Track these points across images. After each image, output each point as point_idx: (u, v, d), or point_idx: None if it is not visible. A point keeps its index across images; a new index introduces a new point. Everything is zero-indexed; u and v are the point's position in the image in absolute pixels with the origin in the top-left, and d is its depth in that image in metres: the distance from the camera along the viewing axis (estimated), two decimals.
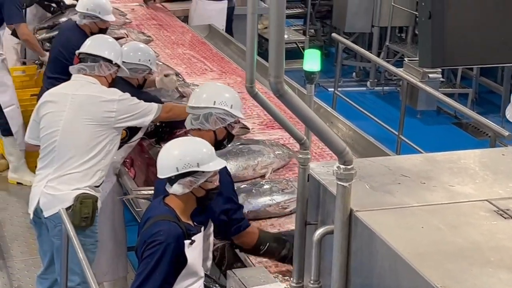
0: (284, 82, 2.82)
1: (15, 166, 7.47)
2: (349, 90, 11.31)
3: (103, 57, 5.16)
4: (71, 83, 5.17)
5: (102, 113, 4.96)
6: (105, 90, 5.09)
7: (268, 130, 5.95)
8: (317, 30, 13.55)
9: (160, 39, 8.12)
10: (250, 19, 3.27)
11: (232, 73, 7.21)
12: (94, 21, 6.58)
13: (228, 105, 4.38)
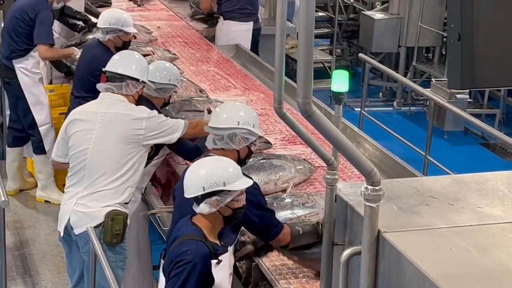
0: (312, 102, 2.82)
1: (44, 184, 7.52)
2: (375, 110, 11.29)
3: (129, 76, 5.19)
4: (99, 102, 5.19)
5: (131, 131, 5.00)
6: (134, 108, 5.12)
7: (290, 145, 5.99)
8: (344, 50, 13.56)
9: (185, 56, 8.19)
10: (278, 40, 3.28)
11: (255, 90, 7.27)
12: (118, 34, 6.62)
13: (250, 125, 4.44)
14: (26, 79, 7.29)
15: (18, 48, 7.25)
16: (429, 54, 12.72)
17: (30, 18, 7.14)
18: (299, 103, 2.81)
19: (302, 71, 2.80)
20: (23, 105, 7.34)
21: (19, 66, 7.26)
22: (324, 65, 12.19)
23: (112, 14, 6.73)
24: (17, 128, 7.56)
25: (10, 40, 7.24)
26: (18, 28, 7.19)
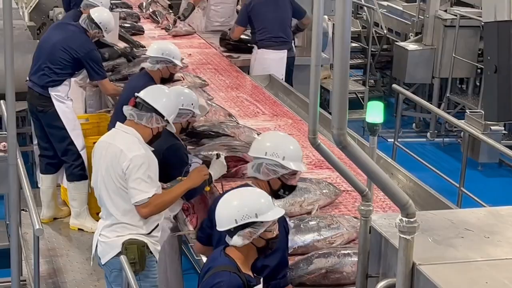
0: (347, 134, 2.82)
1: (77, 212, 7.56)
2: (409, 141, 11.25)
3: (156, 109, 5.03)
4: (114, 131, 5.11)
5: (119, 167, 4.85)
6: (129, 144, 4.90)
7: (317, 169, 6.05)
8: (377, 80, 13.55)
9: (215, 83, 8.26)
10: (313, 71, 3.30)
11: (283, 116, 7.33)
12: (167, 65, 6.67)
13: (280, 157, 4.33)
14: (62, 106, 7.36)
15: (56, 78, 7.33)
16: (463, 85, 12.67)
17: (78, 54, 7.23)
18: (334, 134, 2.81)
19: (337, 102, 2.81)
20: (59, 132, 7.39)
21: (55, 93, 7.33)
22: (357, 95, 12.19)
23: (164, 44, 6.84)
24: (49, 155, 7.62)
25: (48, 69, 7.31)
26: (59, 59, 7.26)
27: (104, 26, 7.43)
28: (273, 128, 6.97)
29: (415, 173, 6.41)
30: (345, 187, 5.60)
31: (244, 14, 9.14)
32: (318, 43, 3.26)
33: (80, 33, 7.40)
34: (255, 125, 6.88)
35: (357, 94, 12.20)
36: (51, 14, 11.09)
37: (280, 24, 8.99)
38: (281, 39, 8.96)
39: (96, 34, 7.46)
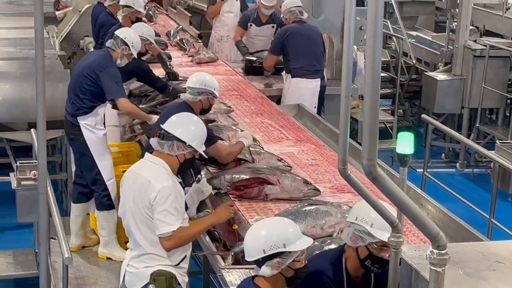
0: (377, 164, 2.82)
1: (106, 241, 7.57)
2: (438, 171, 11.18)
3: (176, 137, 5.03)
4: (142, 161, 5.13)
5: (146, 197, 4.84)
6: (156, 175, 4.90)
7: (339, 193, 6.05)
8: (406, 110, 13.52)
9: (240, 109, 8.32)
10: (343, 101, 3.29)
11: (306, 141, 7.37)
12: (208, 97, 6.70)
13: (368, 224, 4.03)
14: (91, 135, 7.39)
15: (84, 106, 7.37)
16: (493, 115, 12.60)
17: (96, 74, 7.27)
18: (364, 165, 2.81)
19: (367, 133, 2.81)
20: (87, 161, 7.44)
21: (84, 122, 7.37)
22: (386, 125, 12.16)
23: (203, 76, 6.84)
24: (82, 183, 7.66)
25: (76, 97, 7.37)
26: (84, 86, 7.32)
27: (130, 41, 7.41)
28: (296, 153, 7.02)
29: (444, 204, 6.36)
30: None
31: (279, 43, 9.18)
32: (348, 73, 3.26)
33: (103, 55, 7.42)
34: (278, 150, 6.99)
35: (386, 124, 12.17)
36: (82, 44, 11.21)
37: (314, 53, 9.04)
38: (314, 68, 9.00)
39: (124, 52, 7.46)
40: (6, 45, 10.34)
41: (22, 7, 13.08)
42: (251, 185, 5.85)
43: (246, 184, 5.89)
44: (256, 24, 10.42)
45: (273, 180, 5.91)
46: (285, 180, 5.90)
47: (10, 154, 9.22)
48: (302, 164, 6.77)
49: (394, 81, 12.93)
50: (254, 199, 5.83)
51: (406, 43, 12.86)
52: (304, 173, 6.45)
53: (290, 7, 9.13)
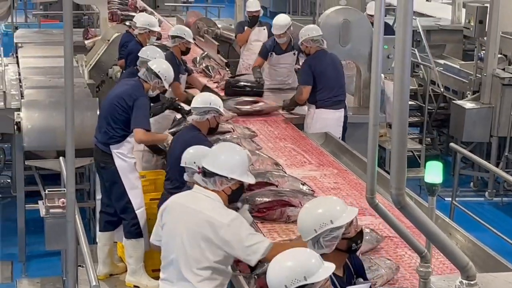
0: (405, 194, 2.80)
1: (133, 269, 7.58)
2: (466, 200, 11.10)
3: (217, 173, 4.95)
4: (191, 194, 5.06)
5: (209, 234, 4.79)
6: (217, 210, 4.88)
7: (360, 216, 5.97)
8: (434, 139, 13.46)
9: (264, 134, 8.38)
10: (371, 130, 3.28)
11: (329, 166, 7.44)
12: (214, 115, 6.77)
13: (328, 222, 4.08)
14: (123, 163, 7.43)
15: (116, 134, 7.41)
16: None
17: (127, 105, 7.33)
18: (393, 194, 2.80)
19: (395, 162, 2.80)
20: (118, 189, 7.46)
21: (116, 151, 7.41)
22: (413, 153, 12.11)
23: (207, 95, 6.96)
24: (109, 212, 7.68)
25: (108, 126, 7.42)
26: (116, 115, 7.37)
27: (164, 75, 7.49)
28: (319, 177, 7.08)
29: (473, 233, 6.31)
30: (387, 233, 5.67)
31: (309, 74, 9.03)
32: (376, 102, 3.25)
33: (135, 85, 7.48)
34: (301, 174, 7.02)
35: (414, 152, 12.12)
36: (110, 72, 11.29)
37: (338, 83, 9.00)
38: (338, 98, 8.97)
39: (157, 85, 7.52)
40: (36, 73, 10.44)
41: (52, 36, 13.23)
42: (274, 207, 5.91)
43: (269, 206, 5.96)
44: (276, 53, 10.44)
45: (295, 202, 5.98)
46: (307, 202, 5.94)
47: (38, 182, 9.28)
48: (325, 187, 6.85)
49: (422, 109, 12.88)
50: (276, 221, 5.88)
51: (434, 72, 12.83)
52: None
53: (313, 36, 9.03)
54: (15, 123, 8.62)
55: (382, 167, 10.19)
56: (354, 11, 10.14)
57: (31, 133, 8.55)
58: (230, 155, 5.05)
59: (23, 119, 8.57)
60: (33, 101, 9.03)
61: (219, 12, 17.84)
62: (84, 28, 13.49)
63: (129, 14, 14.23)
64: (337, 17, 9.77)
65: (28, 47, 12.28)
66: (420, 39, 13.79)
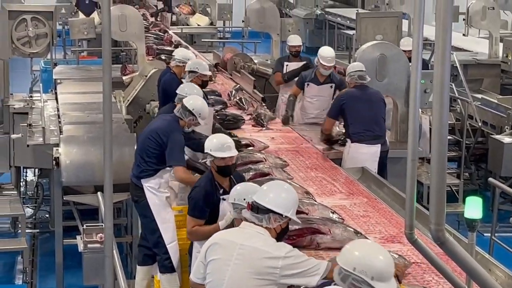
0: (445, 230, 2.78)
1: None
2: (506, 235, 10.96)
3: (273, 210, 4.96)
4: (240, 231, 5.04)
5: (266, 268, 4.78)
6: (272, 245, 4.89)
7: (388, 243, 6.18)
8: (472, 173, 13.33)
9: (295, 164, 8.43)
10: (409, 165, 3.27)
11: (359, 194, 7.51)
12: (212, 159, 6.57)
13: (368, 276, 3.94)
14: (154, 197, 7.47)
15: (148, 168, 7.47)
16: None
17: (162, 140, 7.38)
18: (432, 230, 2.78)
19: (434, 198, 2.78)
20: (150, 223, 7.49)
21: (147, 185, 7.46)
22: (451, 188, 12.00)
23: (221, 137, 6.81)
24: (147, 246, 7.71)
25: (141, 159, 7.48)
26: (149, 149, 7.43)
27: (198, 112, 7.54)
28: (348, 206, 7.12)
29: None
30: (414, 259, 5.77)
31: (337, 107, 9.16)
32: (415, 138, 3.24)
33: (171, 121, 7.54)
34: (331, 203, 7.08)
35: (452, 187, 12.02)
36: (148, 108, 11.38)
37: (374, 119, 8.99)
38: (375, 133, 8.94)
39: (191, 122, 7.57)
40: (74, 109, 10.56)
41: (90, 72, 13.37)
42: (303, 234, 5.97)
43: (298, 233, 6.01)
44: (314, 83, 10.44)
45: (324, 229, 6.07)
46: (336, 230, 6.09)
47: (77, 217, 9.34)
48: (354, 215, 6.93)
49: (460, 144, 12.79)
50: (306, 248, 5.92)
51: (472, 106, 12.76)
52: (355, 224, 6.61)
53: (350, 71, 9.16)
54: (53, 158, 8.70)
55: (419, 202, 10.11)
56: (391, 46, 10.15)
57: (69, 168, 8.61)
58: (284, 193, 5.08)
59: (61, 155, 8.64)
60: (71, 136, 9.11)
61: (255, 47, 17.90)
62: (122, 64, 13.61)
63: (164, 48, 14.41)
64: (373, 52, 9.78)
65: (67, 83, 12.42)
66: (458, 74, 13.73)
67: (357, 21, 14.62)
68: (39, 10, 11.32)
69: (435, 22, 3.00)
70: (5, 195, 10.17)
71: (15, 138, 9.90)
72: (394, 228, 6.63)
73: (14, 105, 10.95)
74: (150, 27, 17.21)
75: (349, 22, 22.61)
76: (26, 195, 11.78)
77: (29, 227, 10.65)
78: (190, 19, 20.99)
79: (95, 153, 8.59)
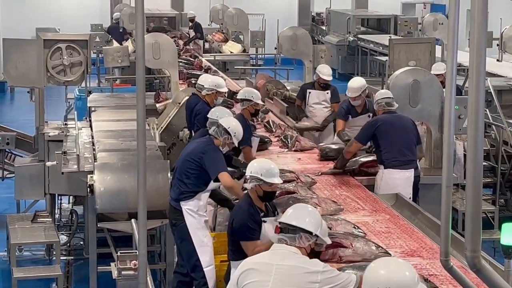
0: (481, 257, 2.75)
1: None
2: None
3: (303, 228, 5.11)
4: (273, 253, 5.10)
5: (306, 284, 4.85)
6: (307, 261, 5.01)
7: (408, 257, 6.37)
8: (508, 200, 13.20)
9: (321, 183, 8.63)
10: (444, 192, 3.25)
11: (381, 212, 7.71)
12: (259, 183, 6.53)
13: None
14: (192, 220, 7.47)
15: (187, 190, 7.49)
16: None
17: (199, 158, 7.42)
18: (468, 257, 2.76)
19: (470, 224, 2.76)
20: (188, 247, 7.48)
21: (186, 207, 7.47)
22: (487, 215, 11.90)
23: (256, 163, 6.75)
24: (182, 272, 7.71)
25: (180, 182, 7.50)
26: (188, 170, 7.46)
27: (233, 131, 7.60)
28: (371, 222, 7.29)
29: None
30: (433, 272, 5.99)
31: (368, 132, 9.09)
32: (449, 164, 3.22)
33: (206, 141, 7.61)
34: (355, 219, 7.27)
35: (487, 213, 11.91)
36: (181, 135, 11.42)
37: (406, 143, 8.95)
38: (407, 158, 8.90)
39: (226, 141, 7.60)
40: (108, 137, 10.62)
41: (124, 100, 13.46)
42: (326, 248, 5.96)
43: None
44: (352, 116, 10.46)
45: (346, 243, 6.26)
46: (357, 243, 6.30)
47: (111, 244, 9.37)
48: (376, 231, 7.08)
49: (495, 170, 12.69)
50: (328, 261, 5.98)
51: (507, 132, 12.66)
52: (377, 239, 6.78)
53: (377, 99, 9.17)
54: (88, 185, 8.75)
55: (454, 228, 10.03)
56: (424, 72, 10.11)
57: (103, 195, 8.65)
58: (309, 214, 5.26)
59: (95, 182, 8.69)
60: (105, 164, 9.16)
61: (288, 74, 17.95)
62: (155, 92, 13.69)
63: (194, 73, 14.60)
64: (406, 78, 9.75)
65: (101, 110, 12.51)
66: (492, 99, 13.64)
67: (390, 47, 14.62)
68: (74, 39, 11.44)
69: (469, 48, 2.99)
70: (40, 223, 10.22)
71: (50, 166, 9.98)
72: (414, 243, 6.78)
73: (49, 133, 11.03)
74: (181, 53, 17.36)
75: (381, 48, 22.60)
76: (60, 222, 11.83)
77: (63, 254, 10.70)
78: (223, 46, 21.11)
79: (129, 180, 8.62)
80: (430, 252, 6.59)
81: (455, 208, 11.09)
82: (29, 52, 10.99)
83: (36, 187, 10.42)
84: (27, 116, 14.69)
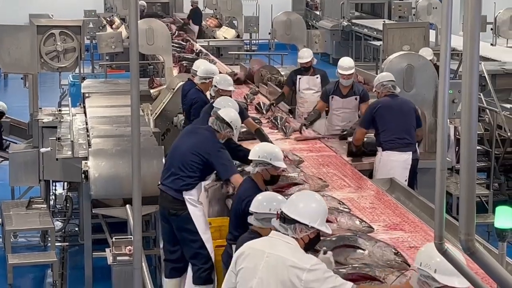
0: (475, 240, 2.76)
1: None
2: None
3: (299, 221, 4.92)
4: (268, 240, 5.03)
5: (290, 277, 4.73)
6: (298, 255, 4.84)
7: (391, 230, 6.63)
8: (501, 184, 13.25)
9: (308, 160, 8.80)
10: (438, 176, 3.25)
11: (367, 188, 7.91)
12: (266, 168, 6.65)
13: (432, 269, 4.38)
14: (195, 209, 7.48)
15: (190, 181, 7.47)
16: None
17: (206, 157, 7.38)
18: (462, 240, 2.76)
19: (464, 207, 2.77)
20: (190, 235, 7.45)
21: (188, 197, 7.46)
22: (481, 199, 11.93)
23: (263, 147, 6.88)
24: (173, 259, 7.70)
25: (182, 173, 7.44)
26: (194, 164, 7.41)
27: (235, 124, 7.63)
28: (356, 198, 7.49)
29: None
30: (414, 244, 6.21)
31: (368, 117, 9.12)
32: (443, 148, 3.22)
33: (210, 137, 7.58)
34: (340, 196, 7.46)
35: (481, 197, 11.95)
36: (175, 121, 11.43)
37: (405, 126, 8.98)
38: (405, 141, 8.92)
39: (228, 134, 7.63)
40: (102, 123, 10.62)
41: (118, 86, 13.45)
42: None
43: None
44: (338, 96, 10.41)
45: (331, 218, 6.28)
46: (342, 218, 6.45)
47: (105, 230, 9.38)
48: (361, 207, 7.24)
49: (489, 154, 12.72)
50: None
51: (500, 116, 12.69)
52: (361, 215, 6.92)
53: (382, 81, 9.12)
54: (82, 171, 8.74)
55: (448, 212, 10.06)
56: (418, 56, 10.13)
57: (98, 181, 8.65)
58: (311, 203, 5.02)
59: (90, 168, 8.69)
60: (100, 150, 9.16)
61: (282, 59, 17.93)
62: (149, 78, 13.68)
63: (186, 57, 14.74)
64: (400, 62, 9.76)
65: (95, 97, 12.50)
66: (486, 84, 13.67)
67: (383, 32, 14.62)
68: (67, 25, 11.40)
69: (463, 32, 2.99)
70: (35, 209, 10.23)
71: (44, 152, 9.98)
72: (397, 217, 6.94)
73: (43, 119, 11.03)
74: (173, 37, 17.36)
75: (375, 33, 22.59)
76: (55, 208, 11.84)
77: (58, 241, 10.70)
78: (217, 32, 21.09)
79: (124, 166, 8.63)
80: (412, 225, 6.72)
81: (449, 192, 11.12)
82: (22, 38, 10.95)
83: (30, 174, 10.42)
84: (21, 103, 14.66)
